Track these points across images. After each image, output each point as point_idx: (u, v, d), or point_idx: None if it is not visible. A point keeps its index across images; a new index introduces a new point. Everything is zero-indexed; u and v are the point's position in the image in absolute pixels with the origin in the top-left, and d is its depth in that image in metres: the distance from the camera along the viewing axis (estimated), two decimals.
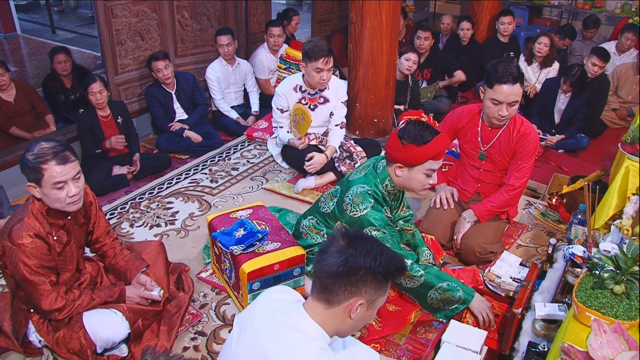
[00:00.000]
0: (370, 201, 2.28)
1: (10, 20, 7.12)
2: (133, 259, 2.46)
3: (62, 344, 2.19)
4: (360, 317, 1.48)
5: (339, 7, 6.39)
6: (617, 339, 1.35)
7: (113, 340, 2.24)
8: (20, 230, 2.02)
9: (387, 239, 2.27)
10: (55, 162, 1.98)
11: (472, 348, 2.11)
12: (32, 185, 2.02)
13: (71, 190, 2.04)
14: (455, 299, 2.31)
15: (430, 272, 2.32)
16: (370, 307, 1.47)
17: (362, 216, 2.27)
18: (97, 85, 3.60)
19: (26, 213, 2.07)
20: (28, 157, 1.98)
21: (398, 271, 1.48)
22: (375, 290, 1.44)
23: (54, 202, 2.05)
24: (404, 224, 2.68)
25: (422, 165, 2.24)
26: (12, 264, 2.04)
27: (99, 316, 2.22)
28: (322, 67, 3.45)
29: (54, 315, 2.14)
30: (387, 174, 2.33)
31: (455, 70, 5.26)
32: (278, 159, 4.00)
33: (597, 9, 6.81)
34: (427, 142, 2.19)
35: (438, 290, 2.30)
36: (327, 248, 1.45)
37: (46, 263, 2.09)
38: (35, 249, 2.04)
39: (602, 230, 2.64)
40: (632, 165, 2.71)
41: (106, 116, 3.75)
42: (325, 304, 1.45)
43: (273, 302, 1.56)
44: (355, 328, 1.54)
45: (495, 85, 2.63)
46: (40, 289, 2.08)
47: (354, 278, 1.41)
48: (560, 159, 4.27)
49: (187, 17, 4.56)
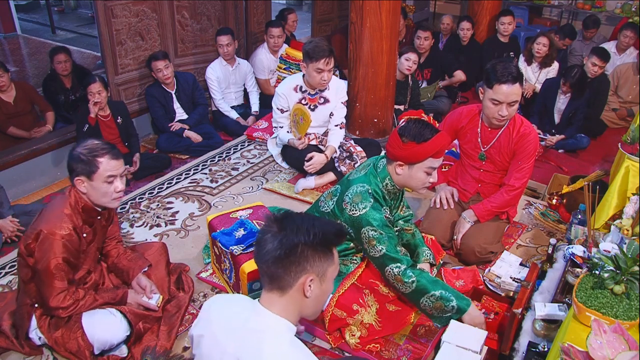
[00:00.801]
0: (370, 200, 2.27)
1: (10, 20, 7.12)
2: (136, 259, 2.48)
3: (61, 344, 2.20)
4: (317, 294, 1.45)
5: (339, 7, 6.39)
6: (617, 339, 1.35)
7: (111, 342, 2.24)
8: (61, 221, 2.09)
9: (384, 240, 2.26)
10: (110, 157, 2.11)
11: (472, 348, 2.11)
12: (80, 179, 2.11)
13: (118, 185, 2.15)
14: (449, 309, 2.27)
15: (423, 278, 2.28)
16: (324, 280, 1.45)
17: (360, 215, 2.27)
18: (96, 85, 3.59)
19: (64, 205, 2.13)
20: (81, 151, 2.09)
21: (337, 236, 1.46)
22: (321, 262, 1.42)
23: (100, 197, 2.15)
24: (404, 223, 2.68)
25: (422, 163, 2.24)
26: (41, 252, 2.07)
27: (97, 317, 2.23)
28: (323, 68, 3.45)
29: (58, 312, 2.16)
30: (387, 172, 2.33)
31: (455, 70, 5.26)
32: (278, 159, 4.00)
33: (597, 9, 6.81)
34: (428, 140, 2.19)
35: (430, 298, 2.27)
36: (262, 237, 1.43)
37: (73, 258, 2.14)
38: (70, 242, 2.10)
39: (602, 230, 2.64)
40: (632, 165, 2.71)
41: (106, 116, 3.75)
42: (278, 292, 1.42)
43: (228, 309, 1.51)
44: (318, 305, 1.51)
45: (494, 85, 2.63)
46: (56, 283, 2.11)
47: (294, 257, 1.38)
48: (560, 159, 4.27)
49: (187, 17, 4.56)
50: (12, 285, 2.76)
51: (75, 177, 2.11)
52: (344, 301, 2.36)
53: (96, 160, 2.08)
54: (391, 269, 2.28)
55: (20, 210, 3.19)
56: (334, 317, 2.35)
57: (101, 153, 2.09)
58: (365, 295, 2.39)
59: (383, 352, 2.33)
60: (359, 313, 2.34)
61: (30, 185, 3.74)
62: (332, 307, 2.36)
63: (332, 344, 2.37)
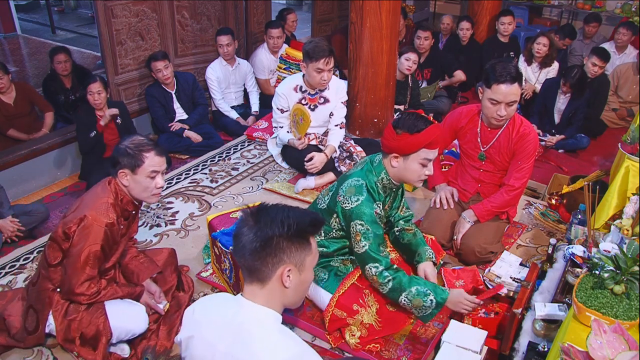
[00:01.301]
0: (363, 194, 2.28)
1: (10, 20, 7.12)
2: (147, 263, 2.50)
3: (75, 329, 2.20)
4: (297, 283, 1.44)
5: (339, 7, 6.39)
6: (617, 339, 1.35)
7: (133, 331, 2.30)
8: (107, 209, 2.16)
9: (369, 237, 2.27)
10: (155, 152, 2.19)
11: (472, 348, 2.11)
12: (124, 171, 2.17)
13: (159, 182, 2.23)
14: (428, 304, 2.26)
15: (399, 277, 2.28)
16: (303, 270, 1.44)
17: (352, 208, 2.28)
18: (96, 85, 3.59)
19: (108, 196, 2.18)
20: (129, 146, 2.17)
21: (312, 225, 1.44)
22: (298, 252, 1.41)
23: (141, 192, 2.22)
24: (405, 224, 2.68)
25: (416, 153, 2.24)
26: (82, 237, 2.11)
27: (123, 306, 2.29)
28: (323, 68, 3.45)
29: (79, 299, 2.19)
30: (383, 167, 2.34)
31: (455, 70, 5.26)
32: (278, 159, 4.00)
33: (597, 9, 6.81)
34: (421, 131, 2.21)
35: (407, 296, 2.26)
36: (238, 231, 1.43)
37: (108, 248, 2.19)
38: (111, 231, 2.16)
39: (602, 230, 2.64)
40: (632, 165, 2.71)
41: None
42: (258, 284, 1.43)
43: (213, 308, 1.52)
44: (300, 294, 1.50)
45: (493, 85, 2.63)
46: (87, 270, 2.14)
47: (270, 249, 1.38)
48: (560, 159, 4.27)
49: (187, 17, 4.57)
50: (12, 285, 2.76)
51: (120, 169, 2.17)
52: (344, 301, 2.36)
53: (142, 154, 2.15)
54: (369, 268, 2.29)
55: (20, 210, 3.19)
56: (334, 317, 2.35)
57: (147, 148, 2.17)
58: (365, 296, 2.39)
59: (383, 352, 2.33)
60: (359, 313, 2.34)
61: (30, 185, 3.74)
62: (332, 307, 2.36)
63: (332, 344, 2.38)
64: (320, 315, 2.47)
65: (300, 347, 1.39)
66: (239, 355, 1.36)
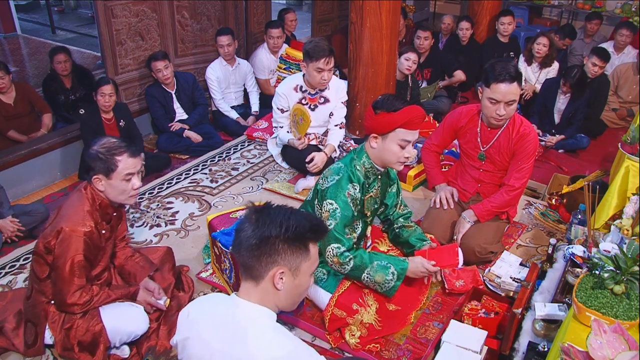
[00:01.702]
0: (339, 175, 2.32)
1: (10, 20, 7.11)
2: (143, 262, 2.49)
3: (73, 336, 2.19)
4: (290, 287, 1.43)
5: (339, 7, 6.39)
6: (617, 339, 1.35)
7: (135, 333, 2.28)
8: (83, 218, 2.11)
9: (336, 216, 2.29)
10: (128, 154, 2.12)
11: (472, 348, 2.11)
12: (98, 177, 2.12)
13: (136, 183, 2.17)
14: (390, 276, 2.32)
15: (360, 255, 2.33)
16: (297, 275, 1.42)
17: (327, 187, 2.32)
18: (108, 87, 3.61)
19: (84, 203, 2.14)
20: (100, 150, 2.10)
21: (312, 231, 1.42)
22: (293, 256, 1.40)
23: (118, 195, 2.16)
24: (404, 221, 2.69)
25: (394, 133, 2.27)
26: (62, 249, 2.08)
27: (120, 310, 2.26)
28: (323, 67, 3.45)
29: (73, 309, 2.17)
30: (364, 150, 2.38)
31: (455, 70, 5.26)
32: (278, 159, 4.00)
33: (597, 9, 6.80)
34: (398, 110, 2.24)
35: (370, 272, 2.31)
36: (240, 226, 1.43)
37: (92, 255, 2.16)
38: (90, 239, 2.12)
39: (602, 230, 2.64)
40: (632, 165, 2.71)
41: (109, 119, 3.75)
42: (252, 281, 1.42)
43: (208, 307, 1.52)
44: (293, 298, 1.49)
45: (492, 84, 2.63)
46: (74, 280, 2.12)
47: (265, 249, 1.38)
48: (560, 159, 4.27)
49: (187, 17, 4.56)
50: (12, 285, 2.76)
51: (94, 175, 2.12)
52: (344, 301, 2.36)
53: (115, 158, 2.10)
54: (332, 249, 2.31)
55: (20, 210, 3.19)
56: (333, 316, 2.35)
57: (120, 151, 2.11)
58: (365, 295, 2.40)
59: (383, 352, 2.33)
60: (359, 313, 2.34)
61: (30, 185, 3.74)
62: (332, 307, 2.36)
63: (332, 344, 2.38)
64: (320, 315, 2.47)
65: (295, 344, 1.39)
66: (234, 353, 1.36)
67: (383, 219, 2.75)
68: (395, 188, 2.67)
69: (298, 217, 1.42)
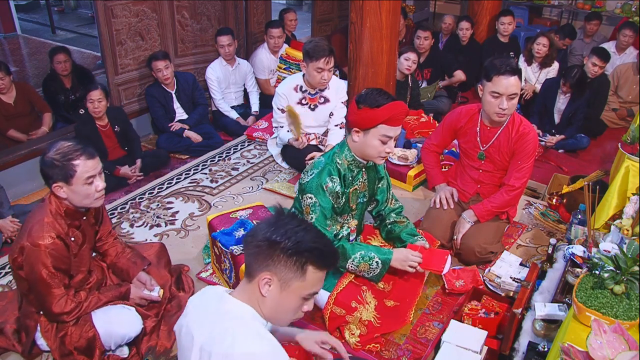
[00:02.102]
0: (319, 169, 2.34)
1: (10, 20, 7.11)
2: (135, 258, 2.47)
3: (69, 343, 2.17)
4: (275, 298, 1.40)
5: (339, 7, 6.39)
6: (617, 339, 1.35)
7: (129, 335, 2.25)
8: (42, 230, 2.02)
9: (317, 210, 2.31)
10: (85, 157, 2.01)
11: (472, 348, 2.11)
12: (59, 185, 2.01)
13: (99, 184, 2.07)
14: (374, 265, 2.36)
15: (341, 246, 2.36)
16: (285, 289, 1.39)
17: (307, 182, 2.34)
18: (97, 93, 3.55)
19: (44, 214, 2.06)
20: (54, 157, 1.98)
21: (310, 252, 1.38)
22: (287, 270, 1.37)
23: (82, 199, 2.06)
24: (396, 216, 2.69)
25: (375, 129, 2.26)
26: (29, 265, 2.03)
27: (113, 313, 2.23)
28: (323, 67, 3.45)
29: (63, 318, 2.14)
30: (346, 144, 2.39)
31: (455, 70, 5.26)
32: (278, 159, 4.00)
33: (597, 9, 6.80)
34: (380, 106, 2.24)
35: (354, 262, 2.36)
36: (261, 223, 1.46)
37: (63, 265, 2.09)
38: (55, 250, 2.03)
39: (602, 230, 2.64)
40: (632, 165, 2.71)
41: (104, 125, 3.73)
42: (247, 278, 1.43)
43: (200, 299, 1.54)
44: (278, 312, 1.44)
45: (494, 77, 2.64)
46: (53, 291, 2.07)
47: (264, 250, 1.37)
48: (560, 159, 4.27)
49: (187, 17, 4.56)
50: (12, 285, 2.76)
51: (53, 183, 2.01)
52: (342, 298, 2.36)
53: (71, 163, 1.98)
54: None
55: (20, 210, 3.19)
56: (333, 314, 2.36)
57: (76, 155, 1.99)
58: (363, 292, 2.40)
59: (383, 352, 2.33)
60: (358, 310, 2.35)
61: (30, 185, 3.73)
62: (331, 305, 2.36)
63: None
64: (320, 315, 2.47)
65: (273, 347, 1.39)
66: (212, 349, 1.36)
67: (375, 214, 2.75)
68: (385, 183, 2.67)
69: (307, 234, 1.39)
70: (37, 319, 2.21)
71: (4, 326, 2.30)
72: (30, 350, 2.26)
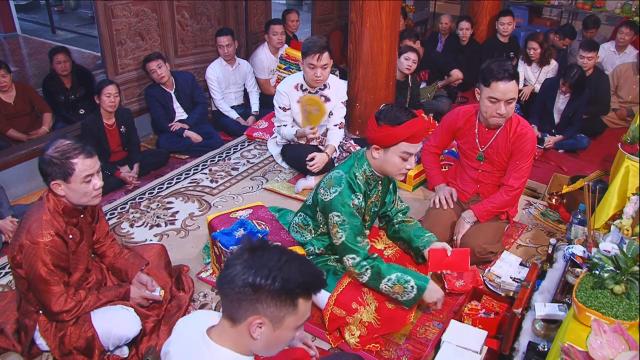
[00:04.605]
0: (341, 185, 2.30)
1: (10, 20, 7.11)
2: (133, 258, 2.47)
3: (68, 343, 2.17)
4: (268, 338, 1.34)
5: (339, 7, 6.39)
6: (617, 339, 1.35)
7: (127, 336, 2.25)
8: (40, 228, 2.03)
9: (346, 228, 2.28)
10: (84, 156, 2.02)
11: (472, 348, 2.11)
12: (57, 182, 2.02)
13: (97, 183, 2.08)
14: (409, 289, 2.30)
15: (377, 266, 2.31)
16: (279, 327, 1.32)
17: (330, 200, 2.30)
18: (112, 87, 3.59)
19: (43, 211, 2.07)
20: (53, 155, 1.99)
21: (302, 288, 1.31)
22: (277, 309, 1.29)
23: (80, 197, 2.07)
24: (403, 216, 2.70)
25: (396, 146, 2.24)
26: (28, 263, 2.03)
27: (111, 314, 2.23)
28: (315, 64, 3.43)
29: (62, 317, 2.14)
30: (365, 158, 2.36)
31: (452, 69, 5.27)
32: (278, 159, 4.00)
33: (597, 9, 6.80)
34: (402, 123, 2.21)
35: (388, 283, 2.30)
36: (231, 261, 1.33)
37: (62, 262, 2.10)
38: (54, 247, 2.05)
39: (602, 230, 2.64)
40: (632, 165, 2.71)
41: (111, 125, 3.75)
42: (229, 321, 1.34)
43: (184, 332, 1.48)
44: (271, 348, 1.40)
45: (492, 83, 2.63)
46: (52, 289, 2.08)
47: (248, 295, 1.28)
48: (560, 159, 4.28)
49: (187, 17, 4.56)
50: (12, 285, 2.75)
51: (51, 181, 2.02)
52: (343, 299, 2.36)
53: (70, 162, 1.99)
54: (347, 259, 2.31)
55: (20, 210, 3.19)
56: (333, 316, 2.35)
57: (74, 154, 2.00)
58: (364, 294, 2.40)
59: (383, 352, 2.33)
60: (358, 311, 2.34)
61: (30, 185, 3.74)
62: (331, 306, 2.36)
63: (332, 343, 2.38)
64: (320, 315, 2.47)
65: None
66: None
67: (381, 215, 2.75)
68: (392, 186, 2.67)
69: (291, 268, 1.30)
70: (35, 319, 2.21)
71: (4, 326, 2.29)
72: (29, 350, 2.25)
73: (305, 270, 1.33)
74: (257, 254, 1.32)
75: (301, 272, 1.31)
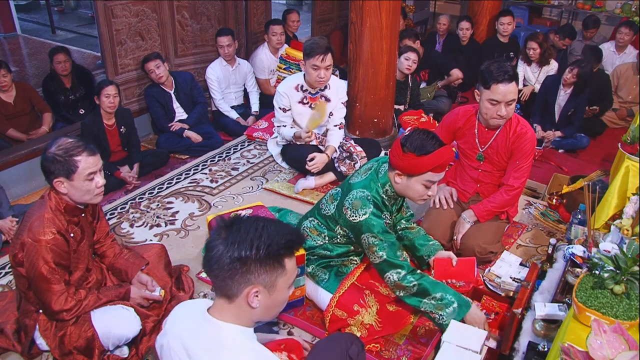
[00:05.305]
0: (370, 206, 2.25)
1: (10, 20, 7.11)
2: (133, 258, 2.47)
3: (68, 342, 2.17)
4: (267, 304, 1.39)
5: (339, 7, 6.39)
6: (617, 339, 1.35)
7: (127, 336, 2.25)
8: (42, 226, 2.03)
9: (384, 247, 2.26)
10: (87, 154, 2.04)
11: (472, 348, 2.11)
12: (60, 180, 2.04)
13: (99, 181, 2.09)
14: (450, 311, 2.25)
15: (425, 281, 2.28)
16: (273, 291, 1.38)
17: (360, 222, 2.26)
18: (112, 88, 3.59)
19: (44, 210, 2.07)
20: (56, 153, 2.01)
21: (287, 247, 1.36)
22: (267, 274, 1.35)
23: (83, 195, 2.09)
24: (407, 223, 2.70)
25: (421, 176, 2.21)
26: (30, 261, 2.04)
27: (111, 314, 2.23)
28: (319, 65, 3.44)
29: (62, 316, 2.14)
30: (387, 179, 2.32)
31: (451, 69, 5.27)
32: (278, 159, 4.00)
33: (597, 9, 6.80)
34: (428, 154, 2.15)
35: (432, 300, 2.27)
36: (211, 243, 1.37)
37: (63, 261, 2.10)
38: (56, 246, 2.05)
39: (602, 230, 2.64)
40: (632, 165, 2.71)
41: (111, 125, 3.75)
42: (225, 299, 1.38)
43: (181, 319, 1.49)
44: (271, 312, 1.45)
45: (492, 85, 2.63)
46: (53, 287, 2.08)
47: (239, 268, 1.32)
48: (560, 159, 4.27)
49: (187, 17, 4.56)
50: (12, 285, 2.75)
51: (54, 179, 2.04)
52: (345, 301, 2.36)
53: (73, 159, 2.01)
54: (391, 275, 2.29)
55: (20, 210, 3.19)
56: (334, 317, 2.35)
57: (78, 151, 2.02)
58: (366, 296, 2.39)
59: (383, 352, 2.33)
60: (360, 313, 2.34)
61: (30, 185, 3.74)
62: (333, 308, 2.36)
63: None
64: (320, 315, 2.47)
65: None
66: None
67: None
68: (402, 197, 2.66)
69: (271, 232, 1.35)
70: (35, 318, 2.21)
71: (4, 326, 2.30)
72: (29, 349, 2.25)
73: (283, 231, 1.38)
74: (234, 229, 1.36)
75: (280, 233, 1.36)
